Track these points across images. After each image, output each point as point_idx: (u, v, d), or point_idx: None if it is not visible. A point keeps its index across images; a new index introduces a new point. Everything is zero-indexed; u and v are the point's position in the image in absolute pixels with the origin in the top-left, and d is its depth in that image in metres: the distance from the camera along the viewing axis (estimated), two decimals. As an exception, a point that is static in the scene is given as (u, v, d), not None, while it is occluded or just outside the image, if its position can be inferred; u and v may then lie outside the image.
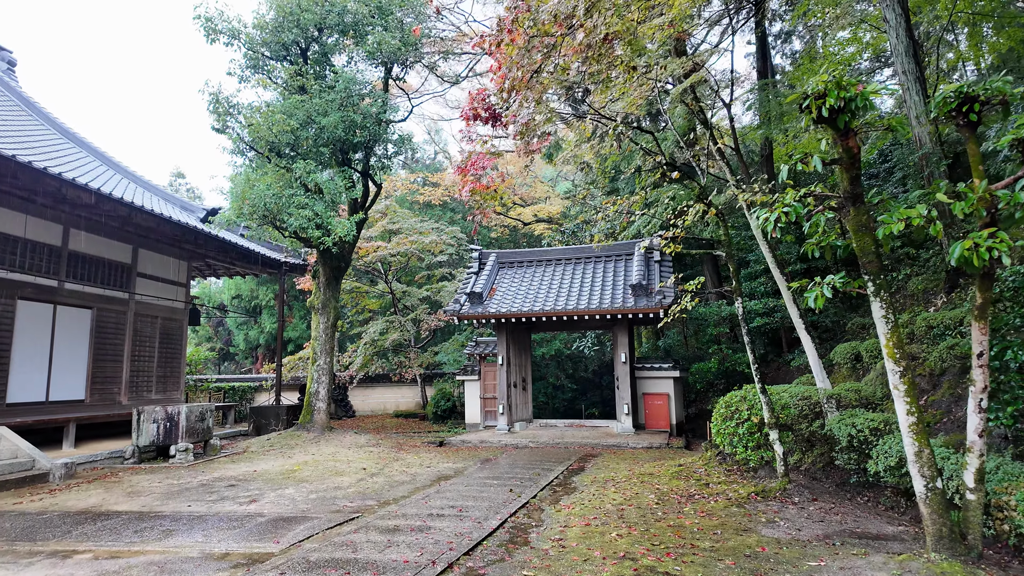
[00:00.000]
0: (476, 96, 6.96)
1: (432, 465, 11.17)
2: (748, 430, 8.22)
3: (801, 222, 4.64)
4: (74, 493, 8.68)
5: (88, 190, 10.93)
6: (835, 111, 4.25)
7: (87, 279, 13.54)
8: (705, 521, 6.32)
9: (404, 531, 6.27)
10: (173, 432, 11.49)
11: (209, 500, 8.05)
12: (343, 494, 8.47)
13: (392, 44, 13.44)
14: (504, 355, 16.46)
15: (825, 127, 4.47)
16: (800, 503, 7.07)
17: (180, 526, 6.67)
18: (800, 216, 4.58)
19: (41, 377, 12.43)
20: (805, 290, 4.90)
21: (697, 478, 8.69)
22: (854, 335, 13.67)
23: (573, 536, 5.97)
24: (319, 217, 12.49)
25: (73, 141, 15.80)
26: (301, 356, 23.83)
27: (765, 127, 16.22)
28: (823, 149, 4.74)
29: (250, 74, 13.94)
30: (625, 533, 5.94)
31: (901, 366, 4.58)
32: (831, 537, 5.66)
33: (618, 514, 6.79)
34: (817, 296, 4.70)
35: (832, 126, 4.40)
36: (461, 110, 7.10)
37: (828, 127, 4.44)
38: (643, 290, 14.71)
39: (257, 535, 6.24)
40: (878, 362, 10.90)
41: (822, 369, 10.82)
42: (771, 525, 6.12)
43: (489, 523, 6.56)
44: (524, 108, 6.44)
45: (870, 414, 7.46)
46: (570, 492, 8.40)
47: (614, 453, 12.81)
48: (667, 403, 16.20)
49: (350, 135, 13.09)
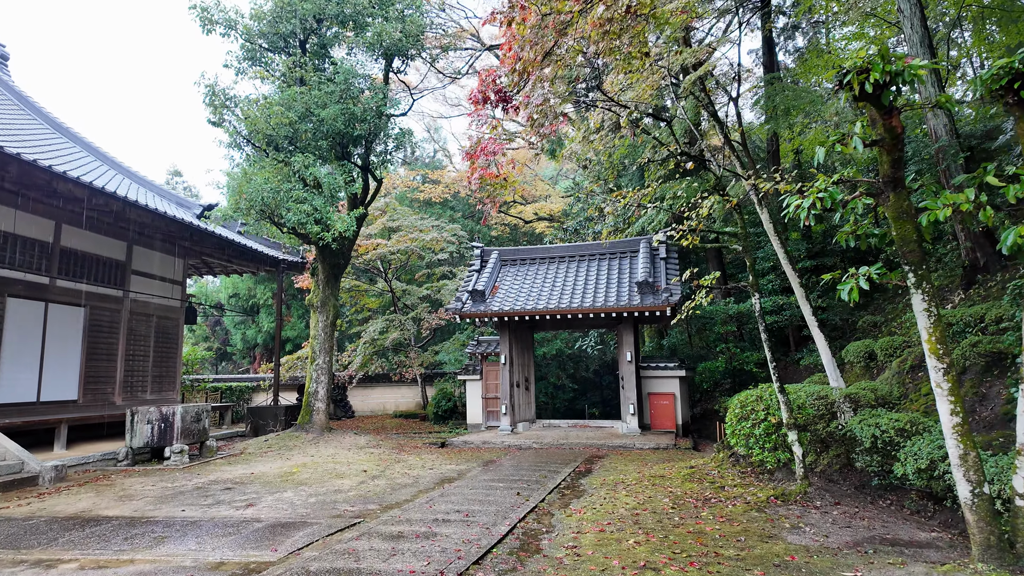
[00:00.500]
0: (486, 77, 6.61)
1: (435, 467, 10.85)
2: (765, 431, 7.91)
3: (836, 208, 4.33)
4: (64, 497, 8.34)
5: (80, 184, 10.59)
6: (879, 87, 3.95)
7: (80, 276, 13.19)
8: (726, 527, 6.01)
9: (409, 538, 5.95)
10: (168, 433, 11.16)
11: (204, 504, 7.73)
12: (344, 497, 8.15)
13: (393, 35, 13.10)
14: (507, 354, 16.14)
15: (866, 105, 4.16)
16: (822, 507, 6.76)
17: (173, 532, 6.34)
18: (836, 203, 4.27)
19: (32, 377, 12.08)
20: (838, 283, 4.59)
21: (711, 480, 8.38)
22: (865, 333, 13.38)
23: (588, 543, 5.65)
24: (318, 212, 12.15)
25: (67, 136, 15.44)
26: (300, 355, 23.50)
27: (772, 122, 15.92)
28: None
29: (247, 66, 13.59)
30: (643, 540, 5.62)
31: (945, 362, 4.28)
32: (861, 544, 5.36)
33: (633, 519, 6.47)
34: (852, 289, 4.39)
35: (875, 103, 4.09)
36: (469, 93, 6.77)
37: (870, 105, 4.13)
38: (649, 288, 14.41)
39: (254, 542, 5.92)
40: (893, 360, 10.61)
41: (836, 368, 10.52)
42: (797, 531, 5.81)
43: (498, 529, 6.24)
44: (538, 88, 6.09)
45: (894, 414, 7.16)
46: (579, 495, 8.09)
47: (621, 454, 12.51)
48: (673, 403, 15.90)
49: (350, 128, 12.75)
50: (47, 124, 15.39)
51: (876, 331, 13.13)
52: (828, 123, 21.47)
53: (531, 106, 6.38)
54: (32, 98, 15.84)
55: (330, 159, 13.17)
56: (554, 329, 18.37)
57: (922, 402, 8.85)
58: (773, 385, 8.52)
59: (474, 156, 7.37)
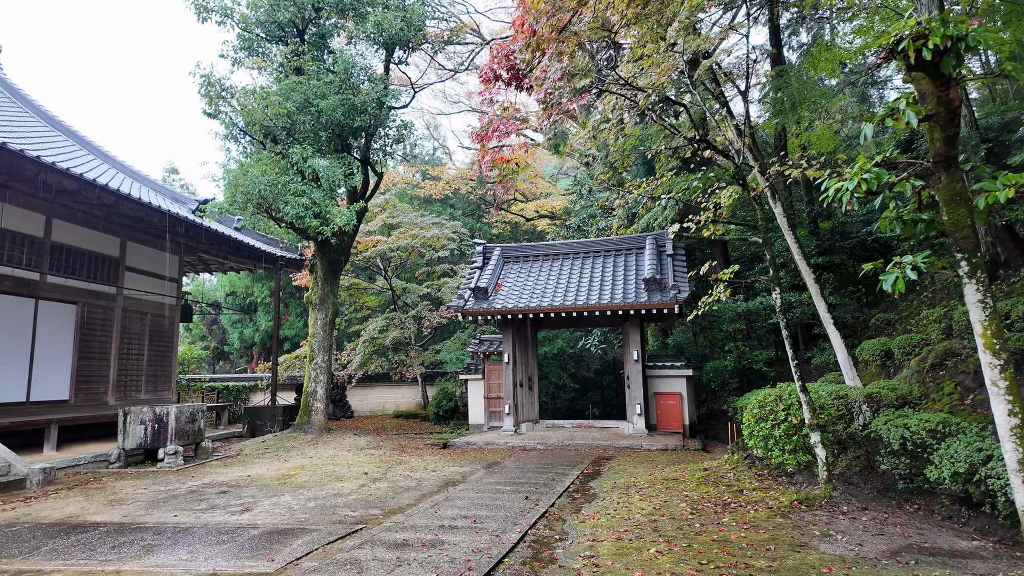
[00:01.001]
0: (498, 53, 6.21)
1: (437, 469, 10.49)
2: (785, 432, 7.56)
3: (882, 190, 3.98)
4: (51, 501, 7.97)
5: (70, 175, 10.22)
6: (938, 53, 3.60)
7: (72, 272, 12.79)
8: (752, 535, 5.66)
9: (414, 546, 5.59)
10: (162, 434, 10.79)
11: (198, 509, 7.36)
12: (344, 502, 7.79)
13: (394, 25, 12.71)
14: (510, 353, 15.78)
15: (921, 76, 3.81)
16: (849, 513, 6.41)
17: (164, 540, 5.97)
18: (881, 185, 3.92)
19: (22, 376, 11.69)
20: (880, 272, 4.23)
21: (727, 484, 8.03)
22: (878, 331, 13.05)
23: (606, 552, 5.30)
24: (317, 206, 11.77)
25: (59, 130, 15.05)
26: (298, 355, 23.11)
27: (780, 116, 15.58)
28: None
29: (243, 56, 13.19)
30: (665, 549, 5.27)
31: (1002, 359, 3.93)
32: (900, 554, 5.01)
33: (651, 526, 6.12)
34: (897, 279, 4.04)
35: (931, 73, 3.74)
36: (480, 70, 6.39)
37: (925, 75, 3.78)
38: (657, 284, 14.06)
39: (249, 551, 5.55)
40: (912, 359, 10.27)
41: (852, 367, 10.19)
42: (828, 539, 5.45)
43: (508, 536, 5.89)
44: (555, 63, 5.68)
45: (924, 414, 6.81)
46: (591, 499, 7.74)
47: (628, 455, 12.16)
48: (679, 403, 15.55)
49: (350, 119, 12.36)
50: (39, 117, 15.00)
51: (890, 329, 12.80)
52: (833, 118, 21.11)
53: (548, 81, 5.97)
54: (24, 91, 15.45)
55: (329, 152, 12.78)
56: (558, 327, 18.01)
57: (945, 402, 8.51)
58: (792, 384, 8.19)
59: (485, 137, 6.99)
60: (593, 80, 6.23)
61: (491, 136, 6.90)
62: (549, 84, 6.04)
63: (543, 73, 6.04)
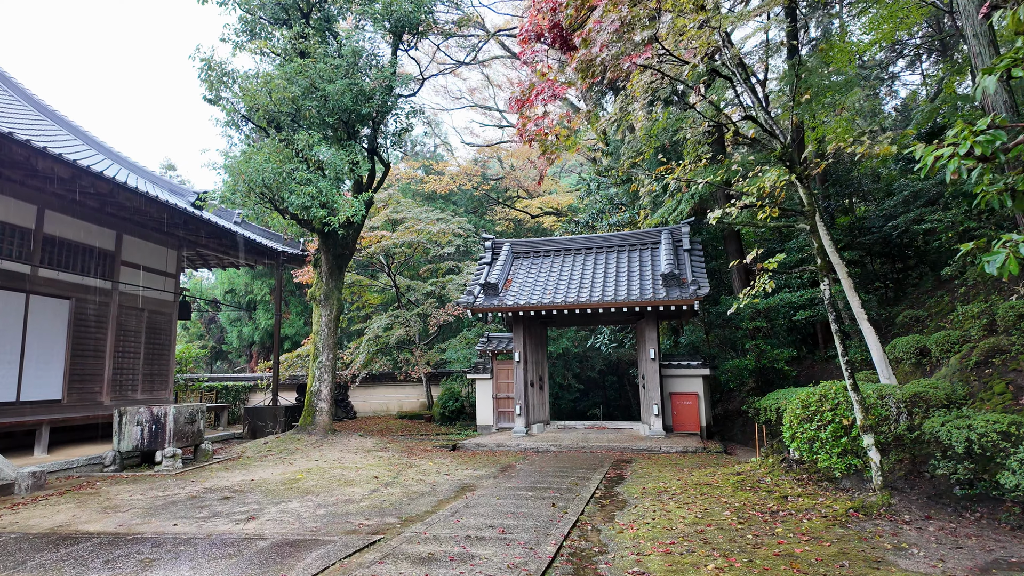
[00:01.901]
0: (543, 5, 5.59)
1: (451, 472, 9.94)
2: (833, 434, 7.03)
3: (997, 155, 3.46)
4: (40, 508, 7.39)
5: (62, 161, 9.64)
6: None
7: (65, 266, 12.20)
8: (817, 548, 5.12)
9: (441, 561, 5.04)
10: (159, 436, 10.21)
11: (199, 517, 6.79)
12: (356, 508, 7.24)
13: (404, 6, 12.15)
14: (521, 351, 15.23)
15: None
16: (913, 522, 5.88)
17: (162, 554, 5.41)
18: (996, 149, 3.41)
19: (11, 374, 11.09)
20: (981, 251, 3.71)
21: (767, 489, 7.49)
22: (906, 329, 12.54)
23: (656, 568, 4.75)
24: (323, 195, 11.19)
25: (54, 119, 14.45)
26: (299, 354, 22.52)
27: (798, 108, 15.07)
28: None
29: (245, 40, 12.59)
30: (725, 566, 4.72)
31: None
32: (989, 571, 4.48)
33: (699, 537, 5.57)
34: (1008, 259, 3.51)
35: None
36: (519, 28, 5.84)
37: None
38: (675, 280, 13.52)
39: (259, 566, 4.99)
40: (952, 357, 9.76)
41: (887, 365, 9.67)
42: (903, 554, 4.92)
43: (543, 549, 5.34)
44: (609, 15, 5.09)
45: (990, 415, 6.29)
46: (622, 507, 7.19)
47: (648, 458, 11.63)
48: (696, 404, 15.02)
49: (358, 105, 11.78)
50: (33, 107, 14.40)
51: (920, 326, 12.29)
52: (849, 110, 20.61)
53: (603, 33, 5.34)
54: (15, 79, 14.85)
55: (336, 139, 12.21)
56: (570, 325, 17.48)
57: (996, 401, 8.00)
58: (837, 383, 7.67)
59: (527, 101, 6.36)
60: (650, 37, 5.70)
61: (534, 101, 6.28)
62: (605, 36, 5.45)
63: (596, 24, 5.45)
